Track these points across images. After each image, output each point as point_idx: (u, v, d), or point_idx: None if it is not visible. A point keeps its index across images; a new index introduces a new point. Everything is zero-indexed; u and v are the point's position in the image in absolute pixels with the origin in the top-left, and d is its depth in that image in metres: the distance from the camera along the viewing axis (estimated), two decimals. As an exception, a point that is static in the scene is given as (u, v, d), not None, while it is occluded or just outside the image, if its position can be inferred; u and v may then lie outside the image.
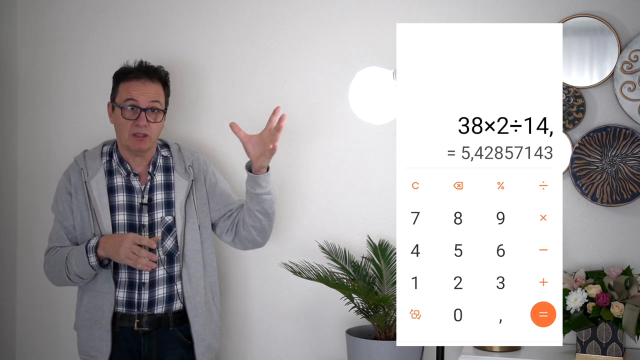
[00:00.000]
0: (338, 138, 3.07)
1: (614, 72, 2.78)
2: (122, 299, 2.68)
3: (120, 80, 2.72)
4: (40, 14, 3.35)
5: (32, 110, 3.36)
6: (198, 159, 2.85)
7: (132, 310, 2.67)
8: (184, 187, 2.75)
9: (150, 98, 2.69)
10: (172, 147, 2.83)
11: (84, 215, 2.71)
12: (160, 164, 2.78)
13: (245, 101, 3.15)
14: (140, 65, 2.74)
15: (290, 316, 3.13)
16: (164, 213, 2.71)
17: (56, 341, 3.35)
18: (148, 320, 2.67)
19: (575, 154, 2.81)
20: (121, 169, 2.74)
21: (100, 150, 2.80)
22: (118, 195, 2.71)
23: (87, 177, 2.72)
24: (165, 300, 2.70)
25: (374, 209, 3.04)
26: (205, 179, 2.82)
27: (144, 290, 2.68)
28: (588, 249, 2.85)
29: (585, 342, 2.62)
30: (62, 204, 2.77)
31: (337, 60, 3.05)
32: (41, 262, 3.40)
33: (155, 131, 2.71)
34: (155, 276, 2.69)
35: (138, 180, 2.74)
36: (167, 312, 2.70)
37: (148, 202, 2.71)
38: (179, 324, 2.71)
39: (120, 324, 2.68)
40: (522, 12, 2.87)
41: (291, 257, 3.05)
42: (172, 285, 2.71)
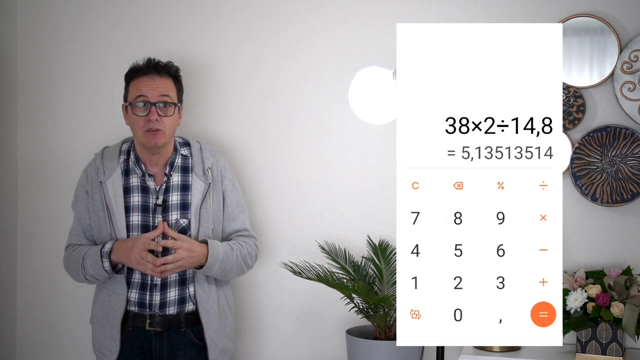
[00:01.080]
0: (338, 138, 3.07)
1: (614, 72, 2.78)
2: (135, 299, 2.68)
3: (131, 80, 2.71)
4: (40, 14, 3.35)
5: (32, 110, 3.36)
6: (219, 161, 2.80)
7: (144, 310, 2.68)
8: (201, 190, 2.72)
9: (159, 92, 2.66)
10: (193, 146, 2.79)
11: (99, 214, 2.70)
12: (179, 164, 2.75)
13: (245, 101, 3.15)
14: (149, 62, 2.72)
15: (290, 316, 3.13)
16: (179, 215, 2.69)
17: (56, 341, 3.36)
18: (160, 320, 2.67)
19: (575, 154, 2.81)
20: (137, 168, 2.72)
21: (119, 148, 2.78)
22: (133, 196, 2.70)
23: (104, 177, 2.71)
24: (177, 302, 2.69)
25: (374, 209, 3.04)
26: (222, 183, 2.78)
27: (155, 292, 2.67)
28: (588, 249, 2.85)
29: (585, 342, 2.62)
30: (80, 202, 2.76)
31: (337, 60, 3.05)
32: (41, 262, 3.41)
33: (168, 126, 2.67)
34: (167, 278, 2.68)
35: (153, 181, 2.71)
36: (179, 314, 2.69)
37: (163, 204, 2.68)
38: (191, 325, 2.70)
39: (133, 323, 2.68)
40: (522, 12, 2.87)
41: (291, 257, 3.05)
42: (184, 287, 2.70)
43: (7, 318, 3.34)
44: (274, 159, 3.13)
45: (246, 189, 3.12)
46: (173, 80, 2.73)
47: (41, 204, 3.35)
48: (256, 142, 3.14)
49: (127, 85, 2.73)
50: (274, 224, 3.13)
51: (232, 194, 2.80)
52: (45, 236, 3.35)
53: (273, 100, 3.13)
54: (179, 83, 2.77)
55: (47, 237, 3.34)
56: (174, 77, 2.74)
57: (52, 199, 3.33)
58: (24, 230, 3.38)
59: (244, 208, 2.85)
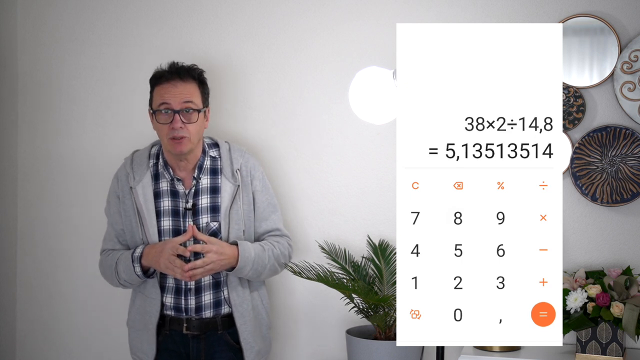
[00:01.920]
0: (338, 138, 3.07)
1: (614, 72, 2.78)
2: (170, 303, 2.69)
3: (155, 85, 2.67)
4: (40, 14, 3.34)
5: (32, 110, 3.36)
6: (248, 161, 2.77)
7: (180, 314, 2.68)
8: (230, 192, 2.69)
9: (182, 99, 2.61)
10: (222, 147, 2.76)
11: (131, 220, 2.70)
12: (208, 166, 2.72)
13: (245, 101, 3.15)
14: (172, 67, 2.66)
15: (290, 316, 3.13)
16: (210, 218, 2.67)
17: (56, 340, 3.35)
18: (196, 324, 2.67)
19: (575, 154, 2.81)
20: (166, 173, 2.71)
21: (148, 151, 2.76)
22: (163, 200, 2.69)
23: (134, 182, 2.70)
24: (213, 305, 2.69)
25: (374, 209, 3.04)
26: (252, 183, 2.76)
27: (190, 296, 2.67)
28: (588, 249, 2.85)
29: (585, 342, 2.62)
30: (113, 207, 2.76)
31: (337, 60, 3.05)
32: (41, 262, 3.42)
33: (194, 132, 2.63)
34: (201, 282, 2.68)
35: (182, 185, 2.70)
36: (216, 317, 2.69)
37: (192, 207, 2.67)
38: (227, 327, 2.71)
39: (170, 327, 2.69)
40: (522, 12, 2.87)
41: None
42: (218, 291, 2.70)
43: (7, 318, 3.34)
44: (274, 159, 3.13)
45: (246, 189, 3.13)
46: (197, 83, 2.68)
47: (41, 204, 3.35)
48: (256, 142, 3.14)
49: (151, 90, 2.69)
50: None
51: (262, 194, 2.78)
52: (45, 236, 3.35)
53: (273, 100, 3.13)
54: (203, 86, 2.71)
55: (47, 237, 3.34)
56: (198, 81, 2.68)
57: (52, 199, 3.33)
58: (24, 230, 3.38)
59: (275, 207, 2.83)
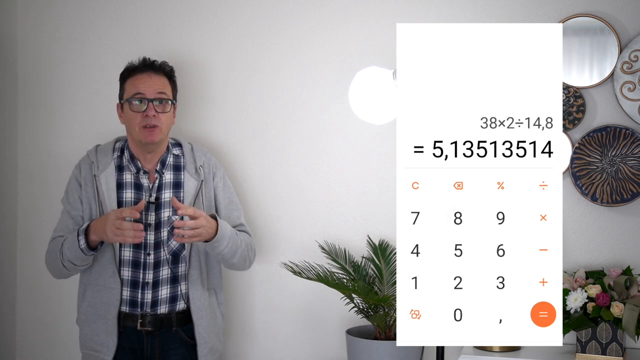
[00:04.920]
0: (338, 138, 3.07)
1: (614, 72, 2.78)
2: (126, 297, 2.68)
3: (126, 78, 2.74)
4: (40, 14, 3.35)
5: (32, 110, 3.36)
6: (210, 159, 2.83)
7: (135, 310, 2.68)
8: (193, 187, 2.74)
9: (156, 89, 2.69)
10: (184, 147, 2.82)
11: (92, 207, 2.71)
12: (171, 162, 2.76)
13: (245, 101, 3.15)
14: (145, 61, 2.74)
15: (290, 316, 3.13)
16: (172, 212, 2.69)
17: (56, 340, 3.35)
18: (151, 319, 2.67)
19: (575, 154, 2.81)
20: (131, 165, 2.73)
21: (112, 145, 2.80)
22: (126, 192, 2.71)
23: (97, 170, 2.72)
24: (169, 300, 2.70)
25: (374, 209, 3.04)
26: (213, 181, 2.81)
27: (147, 290, 2.67)
28: (588, 249, 2.85)
29: (585, 342, 2.62)
30: (73, 195, 2.76)
31: (337, 60, 3.05)
32: (41, 262, 3.40)
33: (165, 122, 2.69)
34: (159, 276, 2.69)
35: (147, 178, 2.73)
36: (170, 313, 2.70)
37: (155, 201, 2.70)
38: (182, 324, 2.71)
39: (124, 324, 2.68)
40: (522, 12, 2.87)
41: (291, 257, 3.04)
42: (176, 285, 2.71)
43: (7, 318, 3.34)
44: (274, 159, 3.13)
45: (246, 189, 3.12)
46: (168, 79, 2.76)
47: (41, 204, 3.35)
48: (256, 142, 3.14)
49: (122, 83, 2.75)
50: (274, 224, 3.13)
51: (223, 191, 2.83)
52: (45, 236, 3.33)
53: (273, 100, 3.13)
54: (173, 82, 2.79)
55: (47, 237, 3.32)
56: (169, 76, 2.77)
57: (52, 199, 3.33)
58: (24, 230, 3.38)
59: (237, 205, 2.86)
